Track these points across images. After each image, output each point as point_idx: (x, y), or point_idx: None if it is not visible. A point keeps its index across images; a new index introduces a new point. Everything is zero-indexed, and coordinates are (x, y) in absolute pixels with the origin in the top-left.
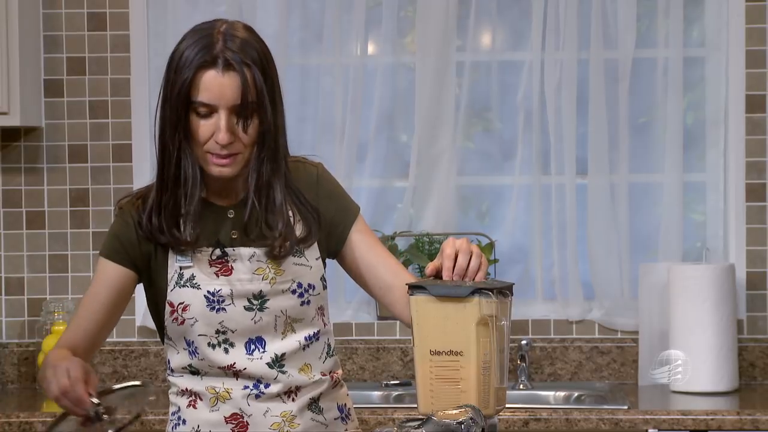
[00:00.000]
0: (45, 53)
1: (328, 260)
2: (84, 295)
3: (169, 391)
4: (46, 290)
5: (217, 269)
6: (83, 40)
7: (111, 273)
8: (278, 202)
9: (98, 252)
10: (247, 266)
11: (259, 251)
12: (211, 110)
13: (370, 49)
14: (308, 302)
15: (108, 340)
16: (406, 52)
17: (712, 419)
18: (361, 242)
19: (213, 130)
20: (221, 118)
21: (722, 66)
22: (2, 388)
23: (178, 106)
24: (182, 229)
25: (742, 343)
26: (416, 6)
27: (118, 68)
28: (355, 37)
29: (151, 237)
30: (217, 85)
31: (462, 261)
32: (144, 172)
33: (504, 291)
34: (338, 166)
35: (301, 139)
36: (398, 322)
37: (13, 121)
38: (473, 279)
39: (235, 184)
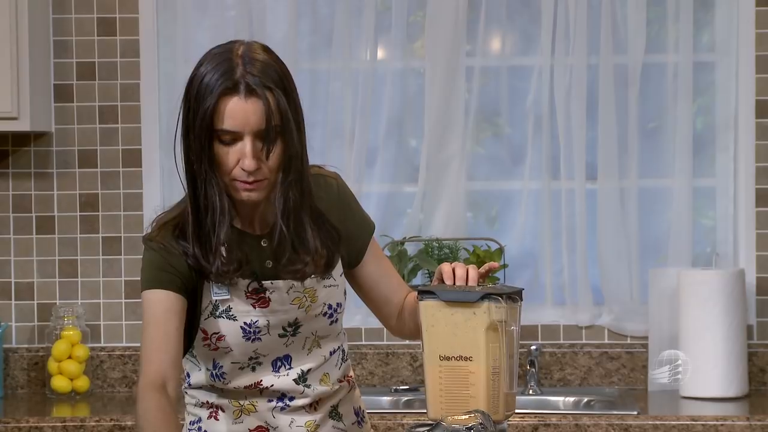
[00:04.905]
0: (55, 58)
1: None
2: (145, 329)
3: (186, 402)
4: (56, 295)
5: (254, 301)
6: (93, 45)
7: (174, 301)
8: (307, 226)
9: (142, 289)
10: (285, 297)
11: (297, 283)
12: (235, 137)
13: (380, 53)
14: (336, 320)
15: (118, 344)
16: (416, 57)
17: (721, 425)
18: (371, 258)
19: (238, 157)
20: (246, 145)
21: (732, 71)
22: (12, 393)
23: (202, 134)
24: (217, 259)
25: (752, 349)
26: (426, 11)
27: (127, 73)
28: (365, 42)
29: (197, 265)
30: (240, 112)
31: (460, 271)
32: (153, 176)
33: (513, 296)
34: (348, 171)
35: (311, 145)
36: None
37: (23, 126)
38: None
39: (265, 211)
